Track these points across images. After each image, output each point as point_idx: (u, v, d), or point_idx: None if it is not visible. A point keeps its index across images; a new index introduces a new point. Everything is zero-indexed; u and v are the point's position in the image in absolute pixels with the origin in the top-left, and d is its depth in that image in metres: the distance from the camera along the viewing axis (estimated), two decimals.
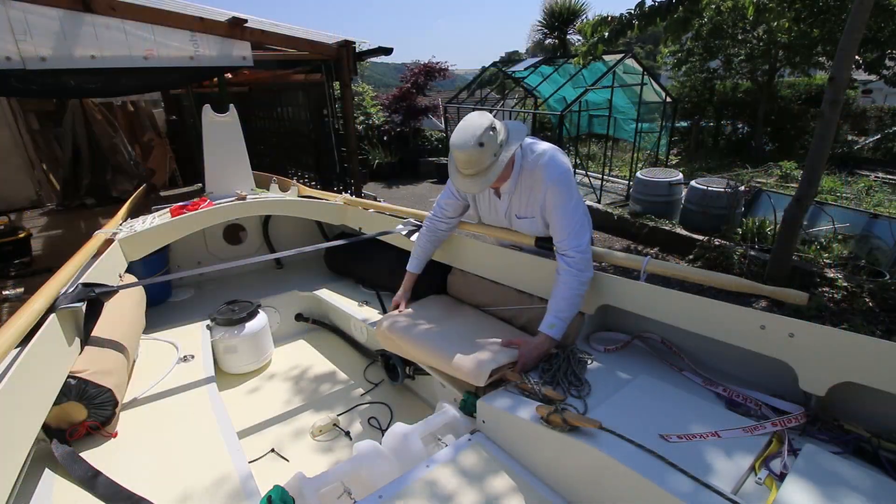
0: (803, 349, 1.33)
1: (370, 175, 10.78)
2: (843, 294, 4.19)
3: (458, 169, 1.76)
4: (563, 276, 1.72)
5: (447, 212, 2.15)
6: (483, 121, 1.68)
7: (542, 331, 1.70)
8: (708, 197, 5.74)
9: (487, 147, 1.66)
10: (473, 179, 1.73)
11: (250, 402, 2.24)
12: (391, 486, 1.33)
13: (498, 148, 1.70)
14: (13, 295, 4.69)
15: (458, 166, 1.75)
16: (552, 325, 1.69)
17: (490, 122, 1.68)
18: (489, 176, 1.70)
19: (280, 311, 2.84)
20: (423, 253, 2.22)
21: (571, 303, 1.71)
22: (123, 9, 4.22)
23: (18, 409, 1.16)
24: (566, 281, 1.71)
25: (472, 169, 1.70)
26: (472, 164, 1.69)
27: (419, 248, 2.22)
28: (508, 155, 1.72)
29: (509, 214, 2.00)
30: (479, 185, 1.72)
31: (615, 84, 7.20)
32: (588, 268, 1.73)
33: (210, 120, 3.05)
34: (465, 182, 1.76)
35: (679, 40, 9.14)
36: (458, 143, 1.67)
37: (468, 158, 1.67)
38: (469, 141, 1.65)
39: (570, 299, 1.71)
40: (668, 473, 1.12)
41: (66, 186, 8.14)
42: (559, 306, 1.71)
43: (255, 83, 8.67)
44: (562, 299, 1.71)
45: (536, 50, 17.64)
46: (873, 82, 10.69)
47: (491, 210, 2.08)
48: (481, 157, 1.66)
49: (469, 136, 1.66)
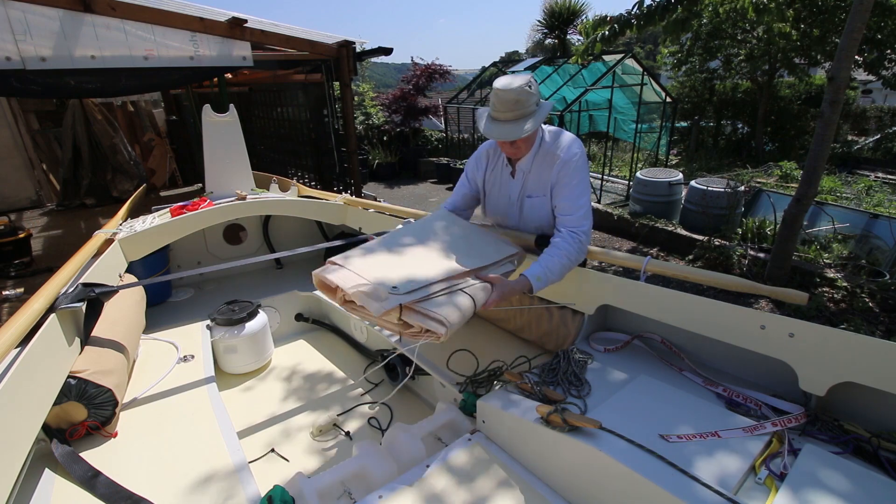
0: (803, 349, 1.33)
1: (370, 175, 10.78)
2: (842, 294, 4.19)
3: (496, 115, 1.74)
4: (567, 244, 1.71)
5: (459, 203, 2.12)
6: (528, 75, 1.75)
7: (527, 276, 1.64)
8: (708, 197, 5.74)
9: (534, 92, 1.71)
10: (513, 124, 1.71)
11: (250, 402, 2.24)
12: (391, 486, 1.33)
13: (539, 98, 1.75)
14: (13, 295, 4.69)
15: (499, 110, 1.72)
16: (539, 277, 1.64)
17: (533, 77, 1.76)
18: (530, 123, 1.69)
19: (280, 311, 2.84)
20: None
21: (562, 272, 1.70)
22: (123, 9, 4.22)
23: (18, 409, 1.16)
24: (569, 251, 1.70)
25: (515, 111, 1.69)
26: (520, 104, 1.68)
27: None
28: (543, 115, 1.75)
29: (521, 195, 1.97)
30: (518, 130, 1.70)
31: (615, 84, 7.20)
32: (585, 252, 1.77)
33: (210, 120, 3.05)
34: (503, 128, 1.72)
35: (678, 40, 9.15)
36: (507, 82, 1.70)
37: (517, 97, 1.67)
38: (519, 81, 1.69)
39: (565, 267, 1.70)
40: (668, 473, 1.12)
41: (66, 186, 8.14)
42: (552, 266, 1.67)
43: (255, 83, 8.67)
44: (558, 263, 1.68)
45: (536, 50, 17.62)
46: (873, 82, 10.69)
47: (501, 195, 2.04)
48: (529, 98, 1.69)
49: (517, 79, 1.70)
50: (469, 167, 2.10)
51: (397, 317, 1.43)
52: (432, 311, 1.40)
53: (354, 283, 1.48)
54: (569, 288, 1.91)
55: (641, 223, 6.18)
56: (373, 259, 1.62)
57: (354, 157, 6.49)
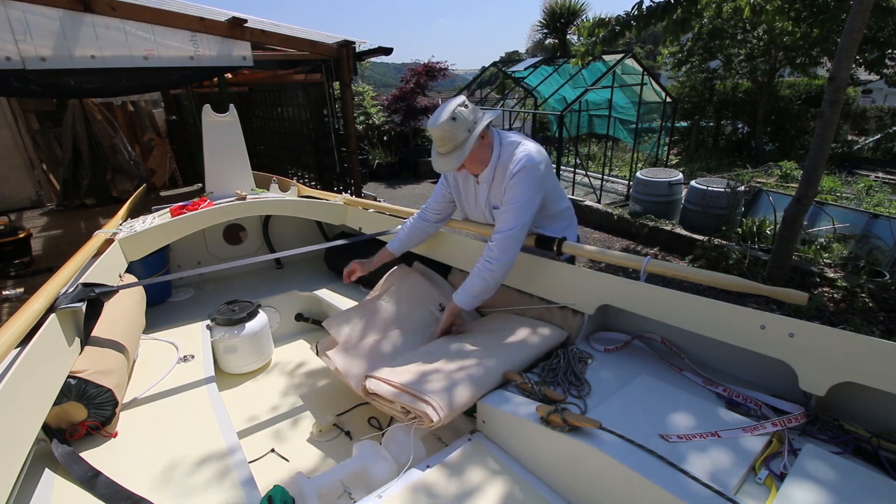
0: (803, 349, 1.33)
1: (370, 175, 10.77)
2: (842, 294, 4.19)
3: (436, 149, 1.85)
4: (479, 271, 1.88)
5: (436, 203, 2.21)
6: (456, 100, 1.79)
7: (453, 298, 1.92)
8: (708, 197, 5.73)
9: (460, 122, 1.76)
10: (450, 156, 1.81)
11: (250, 402, 2.24)
12: (391, 486, 1.33)
13: (472, 124, 1.79)
14: (13, 295, 4.69)
15: (436, 145, 1.84)
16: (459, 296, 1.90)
17: (462, 100, 1.79)
18: (464, 150, 1.78)
19: (280, 311, 2.84)
20: (406, 237, 2.27)
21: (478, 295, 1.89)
22: (123, 9, 4.22)
23: (18, 409, 1.16)
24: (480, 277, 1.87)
25: (447, 145, 1.79)
26: (447, 139, 1.77)
27: (403, 230, 2.28)
28: (480, 129, 1.79)
29: (488, 205, 2.04)
30: (455, 160, 1.80)
31: (615, 84, 7.20)
32: (504, 253, 1.83)
33: (210, 120, 3.05)
34: (442, 161, 1.84)
35: (678, 41, 9.15)
36: (432, 121, 1.79)
37: (442, 134, 1.76)
38: (441, 117, 1.76)
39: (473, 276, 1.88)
40: (668, 473, 1.12)
41: (66, 186, 8.14)
42: (468, 289, 1.89)
43: (255, 83, 8.67)
44: (472, 286, 1.88)
45: (536, 50, 17.64)
46: (873, 82, 10.69)
47: (473, 202, 2.11)
48: (455, 131, 1.76)
49: (442, 112, 1.77)
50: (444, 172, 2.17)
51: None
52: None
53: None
54: (569, 288, 1.91)
55: (641, 223, 6.18)
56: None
57: (354, 157, 6.49)
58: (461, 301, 1.90)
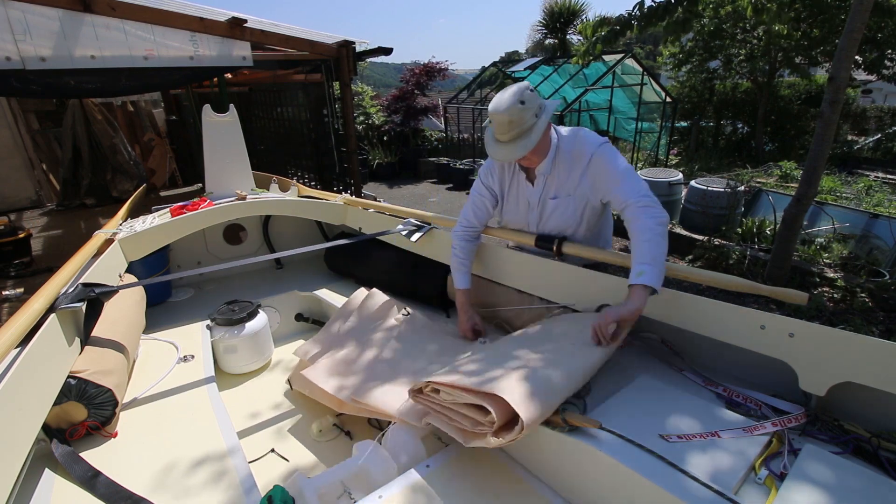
0: (803, 349, 1.33)
1: (370, 175, 10.78)
2: (842, 294, 4.19)
3: (498, 137, 1.69)
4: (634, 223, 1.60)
5: (478, 219, 2.06)
6: (520, 84, 1.66)
7: (631, 282, 1.50)
8: (708, 197, 5.74)
9: (528, 105, 1.61)
10: (515, 144, 1.65)
11: (250, 402, 2.24)
12: (391, 486, 1.33)
13: (538, 108, 1.65)
14: (13, 295, 4.69)
15: (498, 133, 1.67)
16: (640, 272, 1.48)
17: (528, 84, 1.66)
18: (532, 137, 1.63)
19: (280, 311, 2.84)
20: (468, 268, 2.08)
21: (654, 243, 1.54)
22: (123, 9, 4.22)
23: (18, 409, 1.16)
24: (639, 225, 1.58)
25: (513, 130, 1.63)
26: (514, 124, 1.61)
27: (462, 263, 2.07)
28: (547, 119, 1.67)
29: (543, 199, 1.91)
30: (521, 148, 1.64)
31: (615, 84, 7.20)
32: (657, 204, 1.60)
33: (210, 120, 3.05)
34: (506, 149, 1.67)
35: (679, 41, 9.15)
36: (497, 104, 1.62)
37: (510, 118, 1.60)
38: (509, 99, 1.61)
39: (652, 241, 1.54)
40: (668, 473, 1.12)
41: (66, 186, 8.14)
42: (641, 251, 1.53)
43: (255, 83, 8.67)
44: (643, 242, 1.54)
45: (536, 50, 17.63)
46: (873, 82, 10.70)
47: (515, 203, 2.00)
48: (523, 115, 1.61)
49: (508, 95, 1.62)
50: (482, 177, 2.04)
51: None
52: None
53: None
54: (569, 288, 1.91)
55: None
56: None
57: (354, 157, 6.49)
58: (657, 279, 1.48)
